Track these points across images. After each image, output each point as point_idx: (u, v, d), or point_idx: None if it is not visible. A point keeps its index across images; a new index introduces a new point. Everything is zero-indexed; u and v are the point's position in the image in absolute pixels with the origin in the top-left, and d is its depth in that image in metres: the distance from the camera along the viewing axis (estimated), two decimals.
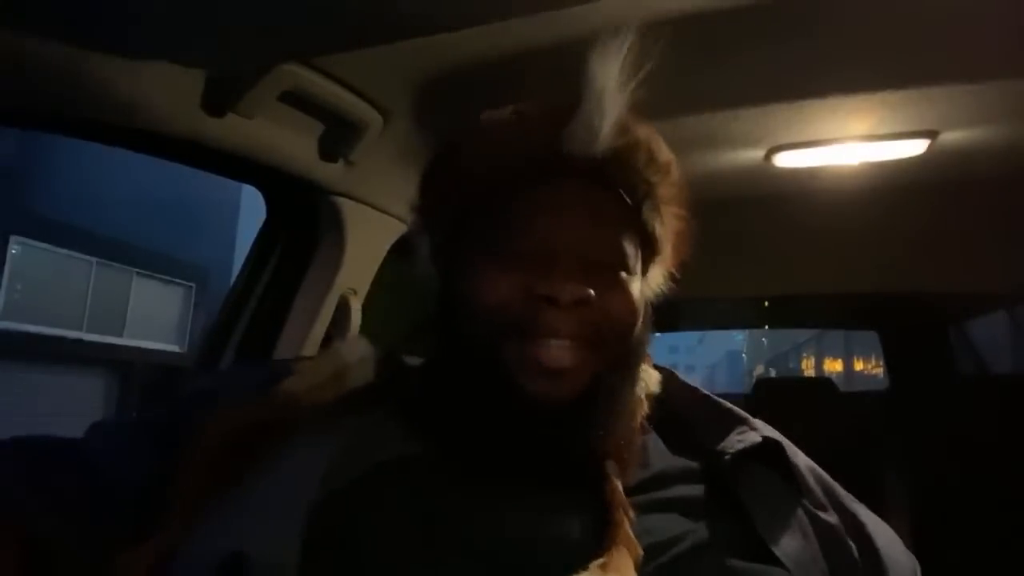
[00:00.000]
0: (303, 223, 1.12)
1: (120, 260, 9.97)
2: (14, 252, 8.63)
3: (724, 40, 0.85)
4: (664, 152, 0.63)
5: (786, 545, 0.55)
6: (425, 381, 0.64)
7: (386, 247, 1.23)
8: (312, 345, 1.12)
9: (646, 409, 0.65)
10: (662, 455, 0.63)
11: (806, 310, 3.03)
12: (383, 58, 0.87)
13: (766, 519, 0.56)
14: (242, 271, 1.15)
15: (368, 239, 1.17)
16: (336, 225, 1.11)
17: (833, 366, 12.68)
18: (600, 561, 0.48)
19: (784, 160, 1.21)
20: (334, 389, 0.63)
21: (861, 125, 1.08)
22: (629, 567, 0.48)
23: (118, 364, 9.72)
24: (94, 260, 9.66)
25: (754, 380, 3.09)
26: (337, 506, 0.51)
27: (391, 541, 0.50)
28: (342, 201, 1.10)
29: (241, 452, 0.56)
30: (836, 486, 0.65)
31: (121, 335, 10.10)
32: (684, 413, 0.68)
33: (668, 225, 0.64)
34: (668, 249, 0.65)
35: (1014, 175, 1.23)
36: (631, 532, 0.51)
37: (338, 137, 1.00)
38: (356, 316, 1.17)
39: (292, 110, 0.92)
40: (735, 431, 0.63)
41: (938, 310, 2.35)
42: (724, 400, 0.69)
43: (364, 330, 1.17)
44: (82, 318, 9.54)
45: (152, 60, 0.76)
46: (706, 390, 0.72)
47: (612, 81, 0.57)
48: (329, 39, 0.79)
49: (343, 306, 1.16)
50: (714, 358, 32.61)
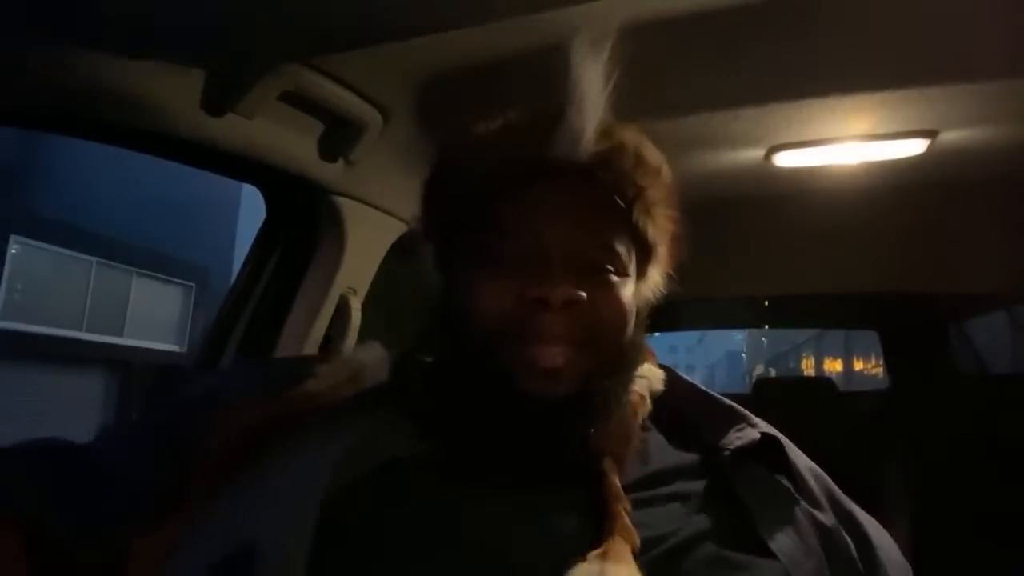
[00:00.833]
0: (303, 223, 1.12)
1: (120, 260, 9.97)
2: (14, 252, 8.63)
3: (724, 40, 0.86)
4: (654, 155, 0.64)
5: (781, 540, 0.56)
6: (429, 382, 0.65)
7: (386, 247, 1.23)
8: (312, 345, 1.12)
9: (649, 407, 0.66)
10: (663, 451, 0.64)
11: (806, 310, 3.03)
12: (383, 58, 0.87)
13: (762, 514, 0.57)
14: (242, 271, 1.15)
15: (368, 239, 1.17)
16: (336, 225, 1.11)
17: (833, 366, 12.68)
18: (599, 551, 0.50)
19: (784, 160, 1.21)
20: (350, 390, 0.65)
21: (861, 125, 1.08)
22: (627, 555, 0.50)
23: (118, 364, 9.72)
24: (94, 260, 9.66)
25: (754, 380, 3.09)
26: (346, 500, 0.52)
27: (397, 536, 0.51)
28: (342, 201, 1.10)
29: (255, 447, 0.58)
30: (834, 487, 0.67)
31: (121, 335, 10.10)
32: (686, 410, 0.69)
33: (660, 227, 0.64)
34: (663, 250, 0.65)
35: (1014, 175, 1.23)
36: (629, 523, 0.52)
37: (338, 137, 1.00)
38: (356, 316, 1.17)
39: (292, 110, 0.92)
40: (735, 428, 0.64)
41: (938, 310, 2.35)
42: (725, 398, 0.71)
43: (364, 330, 1.17)
44: (82, 318, 9.54)
45: (152, 60, 0.76)
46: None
47: (594, 86, 0.58)
48: (329, 39, 0.79)
49: (343, 306, 1.16)
50: (714, 358, 32.61)
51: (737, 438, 0.63)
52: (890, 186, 1.32)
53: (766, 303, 2.72)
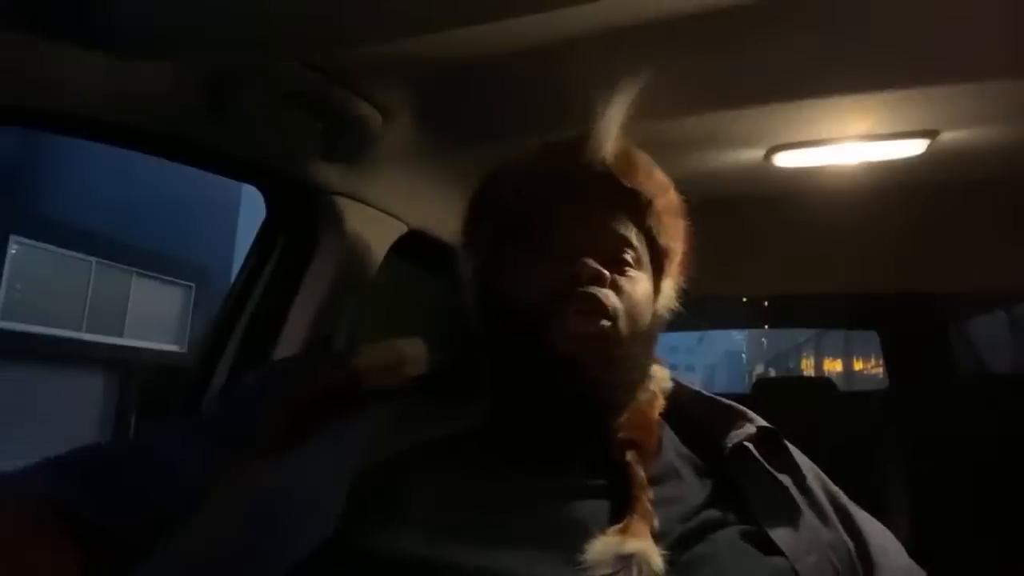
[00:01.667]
0: (303, 223, 1.12)
1: (120, 260, 9.97)
2: (14, 252, 8.63)
3: (724, 40, 0.86)
4: (661, 175, 0.75)
5: (784, 536, 0.60)
6: (471, 367, 0.71)
7: (386, 247, 1.23)
8: (312, 345, 1.12)
9: (663, 403, 0.72)
10: (676, 448, 0.69)
11: (806, 310, 3.03)
12: (383, 58, 0.87)
13: (765, 511, 0.61)
14: (242, 271, 1.15)
15: (368, 239, 1.17)
16: (336, 225, 1.11)
17: (833, 366, 12.68)
18: (619, 526, 0.55)
19: (784, 160, 1.21)
20: (394, 375, 0.71)
21: (861, 125, 1.08)
22: (646, 532, 0.54)
23: (118, 364, 9.71)
24: (94, 260, 9.66)
25: (754, 380, 3.09)
26: (378, 476, 0.56)
27: (425, 512, 0.55)
28: (342, 201, 1.10)
29: (319, 412, 0.63)
30: (833, 486, 0.70)
31: (121, 335, 10.09)
32: (689, 411, 0.74)
33: (670, 235, 0.74)
34: (675, 262, 0.75)
35: (1014, 175, 1.23)
36: (649, 507, 0.57)
37: (338, 137, 1.00)
38: (356, 316, 1.17)
39: (292, 110, 0.92)
40: (735, 425, 0.69)
41: (938, 310, 2.35)
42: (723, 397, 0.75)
43: (364, 330, 1.18)
44: (82, 318, 9.54)
45: (152, 60, 0.76)
46: (706, 390, 0.78)
47: (620, 107, 0.68)
48: (329, 39, 0.79)
49: (343, 306, 1.16)
50: (714, 358, 32.59)
51: (737, 434, 0.67)
52: (890, 186, 1.32)
53: (766, 303, 2.72)
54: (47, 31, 0.67)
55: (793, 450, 0.70)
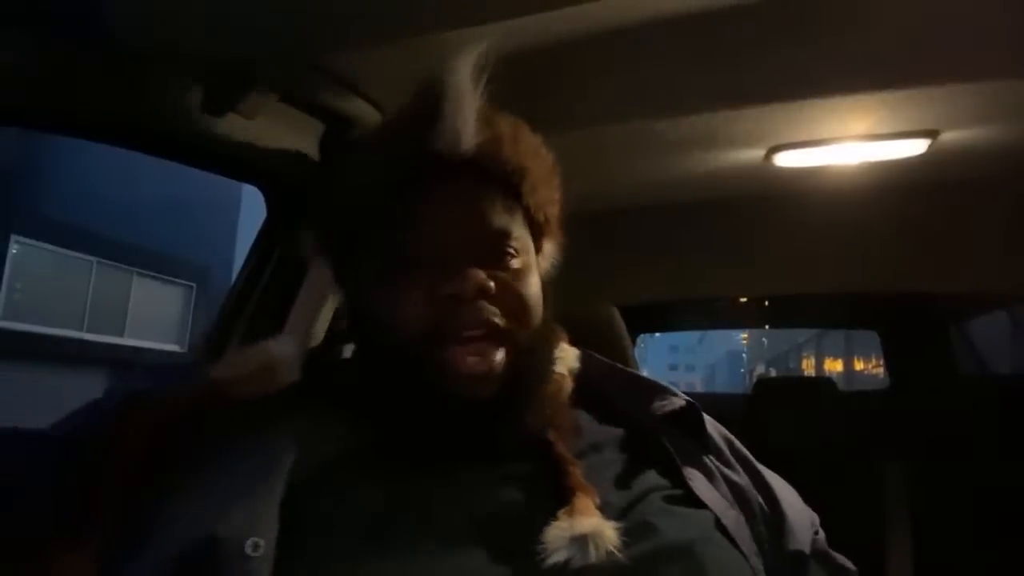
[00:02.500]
0: (303, 223, 1.12)
1: (120, 260, 9.96)
2: (14, 252, 8.63)
3: (724, 40, 0.86)
4: (530, 136, 0.66)
5: (708, 494, 0.62)
6: (354, 382, 0.66)
7: None
8: (312, 345, 1.12)
9: (571, 385, 0.70)
10: (592, 426, 0.68)
11: (806, 310, 3.03)
12: (383, 58, 0.87)
13: (690, 472, 0.63)
14: (242, 271, 1.15)
15: None
16: None
17: (833, 366, 12.68)
18: (566, 508, 0.53)
19: (784, 160, 1.21)
20: (262, 382, 0.65)
21: (861, 125, 1.08)
22: (592, 508, 0.53)
23: (118, 364, 9.72)
24: (94, 260, 9.66)
25: (754, 380, 3.09)
26: (302, 494, 0.52)
27: (355, 527, 0.52)
28: None
29: (171, 444, 0.57)
30: (745, 450, 0.72)
31: (121, 335, 10.09)
32: (605, 387, 0.72)
33: (547, 201, 0.66)
34: (553, 225, 0.68)
35: (1014, 175, 1.23)
36: (584, 481, 0.56)
37: (338, 137, 1.00)
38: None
39: (292, 110, 0.92)
40: (657, 398, 0.68)
41: (938, 310, 2.35)
42: (643, 376, 0.75)
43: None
44: (82, 318, 9.54)
45: (152, 60, 0.76)
46: (706, 390, 0.74)
47: (466, 80, 0.59)
48: (329, 39, 0.79)
49: (343, 306, 1.16)
50: (714, 358, 32.58)
51: (663, 406, 0.67)
52: (890, 186, 1.32)
53: (766, 303, 2.72)
54: (47, 30, 0.67)
55: (707, 418, 0.71)
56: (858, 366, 11.21)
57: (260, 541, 0.48)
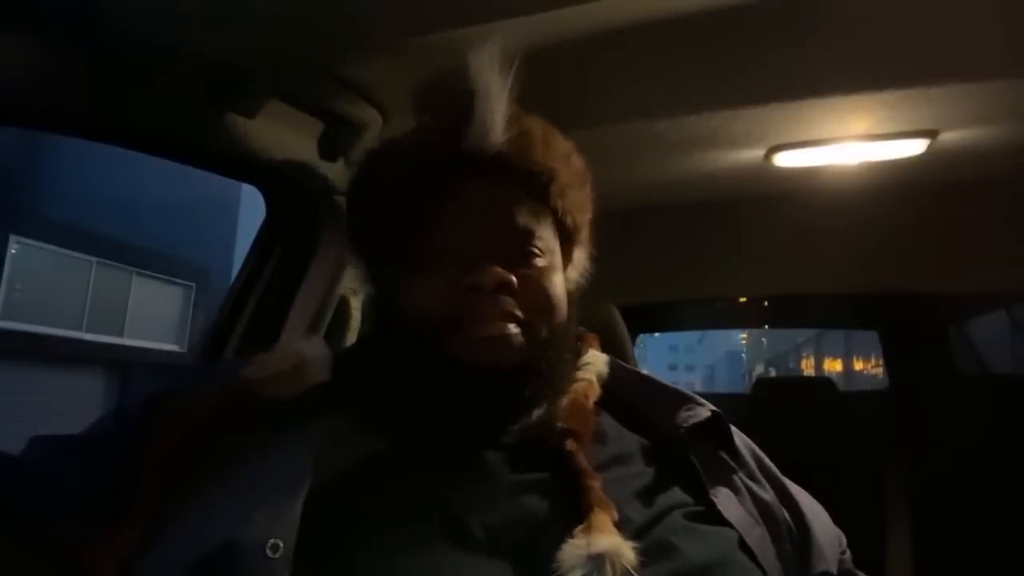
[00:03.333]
0: (303, 223, 1.12)
1: (120, 260, 9.96)
2: (14, 252, 8.63)
3: (724, 40, 0.86)
4: (561, 141, 0.68)
5: (733, 511, 0.61)
6: (379, 381, 0.66)
7: None
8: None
9: (598, 391, 0.69)
10: (618, 434, 0.67)
11: (806, 310, 3.03)
12: (383, 58, 0.87)
13: (715, 488, 0.62)
14: (242, 271, 1.15)
15: None
16: (336, 225, 1.11)
17: (833, 366, 12.68)
18: (583, 525, 0.52)
19: (784, 160, 1.21)
20: (293, 382, 0.65)
21: (861, 125, 1.08)
22: (609, 526, 0.52)
23: (118, 364, 9.71)
24: (94, 260, 9.65)
25: (754, 380, 3.09)
26: (325, 498, 0.53)
27: (382, 525, 0.52)
28: (342, 201, 1.10)
29: (202, 443, 0.57)
30: (770, 463, 0.71)
31: (121, 335, 10.09)
32: (632, 395, 0.72)
33: (577, 208, 0.67)
34: (583, 232, 0.69)
35: (1014, 175, 1.23)
36: (603, 496, 0.55)
37: (338, 137, 1.00)
38: (356, 316, 1.17)
39: (292, 110, 0.92)
40: (683, 408, 0.67)
41: (938, 310, 2.35)
42: (668, 384, 0.74)
43: (364, 329, 1.17)
44: (82, 318, 9.53)
45: (152, 60, 0.76)
46: (705, 390, 0.74)
47: (495, 81, 0.61)
48: (329, 39, 0.79)
49: (343, 306, 1.16)
50: (714, 358, 32.59)
51: (689, 416, 0.66)
52: (890, 186, 1.32)
53: (766, 303, 2.72)
54: (47, 31, 0.67)
55: (733, 430, 0.70)
56: (858, 366, 11.21)
57: (280, 543, 0.48)
